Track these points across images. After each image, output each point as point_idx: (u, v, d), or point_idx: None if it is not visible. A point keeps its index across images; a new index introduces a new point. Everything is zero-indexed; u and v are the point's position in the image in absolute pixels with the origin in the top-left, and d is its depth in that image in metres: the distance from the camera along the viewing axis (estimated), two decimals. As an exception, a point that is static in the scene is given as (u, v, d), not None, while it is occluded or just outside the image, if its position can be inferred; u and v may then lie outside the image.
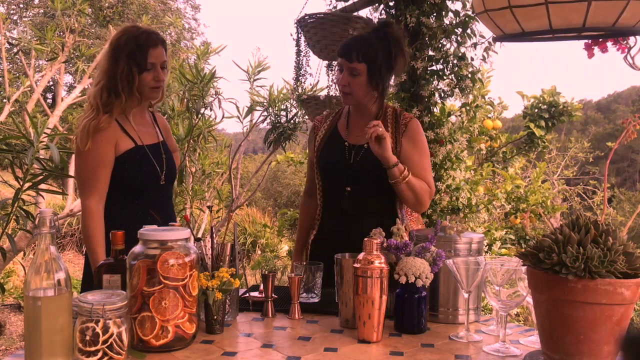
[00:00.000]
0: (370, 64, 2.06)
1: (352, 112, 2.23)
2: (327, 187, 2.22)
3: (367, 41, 2.09)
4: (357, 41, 2.11)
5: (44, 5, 12.06)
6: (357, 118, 2.20)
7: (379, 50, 2.07)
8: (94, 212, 2.05)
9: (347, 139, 2.19)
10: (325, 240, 2.20)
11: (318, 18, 3.12)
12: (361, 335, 1.51)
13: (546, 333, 1.29)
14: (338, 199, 2.16)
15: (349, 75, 2.08)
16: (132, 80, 2.07)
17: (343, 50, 2.09)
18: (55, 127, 4.83)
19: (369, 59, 2.06)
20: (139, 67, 2.07)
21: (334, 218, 2.19)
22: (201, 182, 4.88)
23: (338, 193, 2.16)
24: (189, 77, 4.07)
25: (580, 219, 1.28)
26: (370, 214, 2.10)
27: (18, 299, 5.63)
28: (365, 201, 2.14)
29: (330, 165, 2.19)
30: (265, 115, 4.37)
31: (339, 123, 2.26)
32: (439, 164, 3.61)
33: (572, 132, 15.02)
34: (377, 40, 2.10)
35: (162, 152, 2.22)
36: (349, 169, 2.13)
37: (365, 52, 2.06)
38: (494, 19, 1.47)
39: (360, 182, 2.13)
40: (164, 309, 1.37)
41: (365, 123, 2.12)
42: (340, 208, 2.15)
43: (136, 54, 2.06)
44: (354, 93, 2.10)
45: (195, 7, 15.67)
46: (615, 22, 1.34)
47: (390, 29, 2.13)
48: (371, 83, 2.09)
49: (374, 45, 2.08)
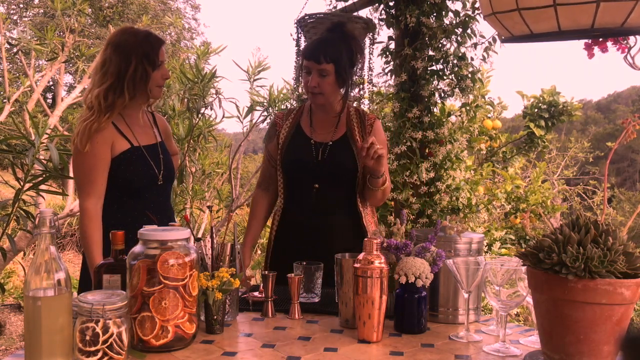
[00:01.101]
0: (337, 64, 2.15)
1: (315, 110, 2.29)
2: (292, 184, 2.25)
3: (330, 42, 2.18)
4: (321, 43, 2.19)
5: (44, 5, 12.06)
6: (321, 116, 2.27)
7: (343, 50, 2.17)
8: (92, 213, 2.05)
9: (312, 136, 2.25)
10: (289, 234, 2.25)
11: (318, 18, 3.12)
12: (361, 335, 1.51)
13: (546, 333, 1.29)
14: (304, 196, 2.21)
15: (318, 77, 2.15)
16: (146, 78, 2.10)
17: (310, 53, 2.16)
18: (55, 127, 4.83)
19: (335, 58, 2.14)
20: (153, 66, 2.11)
21: (299, 213, 2.23)
22: (201, 182, 4.88)
23: (304, 190, 2.21)
24: (190, 77, 4.08)
25: (580, 219, 1.28)
26: (336, 209, 2.21)
27: (18, 299, 5.63)
28: (332, 197, 2.21)
29: (297, 162, 2.23)
30: (265, 115, 4.38)
31: (301, 121, 2.30)
32: (439, 164, 3.61)
33: (572, 132, 15.01)
34: (338, 40, 2.19)
35: (160, 153, 2.22)
36: (316, 167, 2.20)
37: (332, 53, 2.14)
38: (502, 21, 1.47)
39: (328, 179, 2.20)
40: (164, 309, 1.37)
41: (330, 120, 2.25)
42: (307, 204, 2.21)
43: (150, 53, 2.10)
44: (325, 92, 2.17)
45: (195, 7, 15.68)
46: (624, 22, 1.34)
47: (345, 28, 2.25)
48: (338, 81, 2.18)
49: (337, 45, 2.17)
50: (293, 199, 2.26)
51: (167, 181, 2.25)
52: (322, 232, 2.16)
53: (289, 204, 2.26)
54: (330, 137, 2.23)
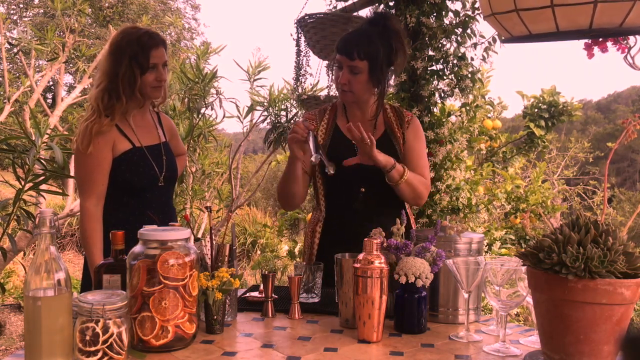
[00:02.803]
0: (372, 62, 1.96)
1: (349, 108, 2.13)
2: (335, 190, 2.10)
3: (367, 37, 1.98)
4: (357, 37, 2.00)
5: (44, 5, 12.06)
6: (358, 114, 2.12)
7: (380, 47, 1.98)
8: (92, 213, 2.05)
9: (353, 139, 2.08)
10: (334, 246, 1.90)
11: (318, 18, 3.12)
12: (361, 335, 1.51)
13: (546, 333, 1.29)
14: (350, 201, 2.07)
15: (349, 73, 1.98)
16: (133, 81, 2.07)
17: (343, 47, 1.98)
18: (56, 127, 4.83)
19: (370, 56, 1.96)
20: (141, 69, 2.07)
21: (344, 221, 2.08)
22: (201, 182, 4.89)
23: (350, 194, 2.07)
24: (190, 77, 4.08)
25: (580, 219, 1.28)
26: (383, 212, 2.01)
27: (18, 299, 5.63)
28: (379, 200, 2.07)
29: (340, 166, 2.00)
30: (266, 115, 4.38)
31: (338, 121, 2.15)
32: (439, 164, 3.61)
33: (572, 132, 15.01)
34: (377, 35, 1.99)
35: (163, 154, 2.22)
36: (362, 169, 2.00)
37: (367, 49, 1.95)
38: (502, 22, 1.47)
39: (375, 182, 2.04)
40: (164, 309, 1.37)
41: (366, 122, 2.09)
42: (352, 209, 2.06)
43: (138, 56, 2.06)
44: (355, 91, 2.01)
45: (195, 7, 15.69)
46: (622, 22, 1.34)
47: (389, 22, 2.04)
48: (372, 80, 2.00)
49: (374, 41, 1.97)
50: (337, 206, 2.11)
51: (169, 182, 2.25)
52: None
53: (332, 212, 2.11)
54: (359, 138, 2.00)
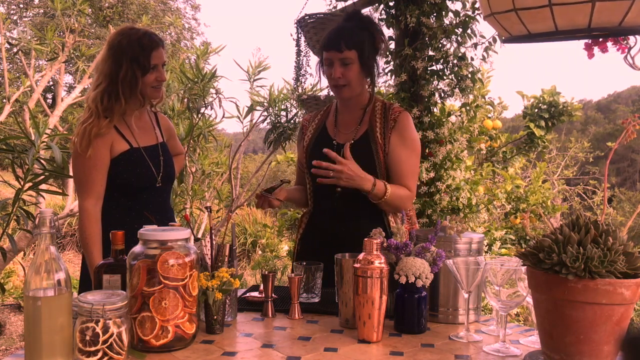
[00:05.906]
0: (360, 50, 2.02)
1: (340, 109, 2.19)
2: (318, 188, 2.14)
3: (348, 30, 2.05)
4: (340, 31, 2.06)
5: (44, 5, 12.06)
6: (346, 114, 2.17)
7: (363, 35, 2.05)
8: (91, 213, 2.05)
9: (335, 137, 2.15)
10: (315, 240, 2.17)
11: (318, 18, 3.13)
12: (361, 335, 1.51)
13: (546, 333, 1.29)
14: (328, 200, 2.13)
15: (341, 66, 2.03)
16: (135, 83, 2.07)
17: (329, 42, 2.04)
18: (55, 127, 4.83)
19: (357, 45, 2.02)
20: (142, 70, 2.08)
21: (324, 219, 2.15)
22: (201, 182, 4.88)
23: (328, 194, 2.10)
24: (190, 77, 4.08)
25: (580, 219, 1.28)
26: (360, 214, 2.07)
27: (18, 299, 5.63)
28: (356, 201, 2.07)
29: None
30: (266, 115, 4.38)
31: (327, 121, 2.21)
32: (439, 164, 3.61)
33: (572, 132, 15.02)
34: (356, 27, 2.07)
35: (160, 154, 2.22)
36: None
37: (353, 39, 2.02)
38: (501, 21, 1.48)
39: None
40: (164, 309, 1.37)
41: (354, 118, 2.14)
42: (331, 209, 2.12)
43: (139, 57, 2.06)
44: (351, 83, 2.05)
45: (195, 7, 15.66)
46: (621, 21, 1.34)
47: (362, 15, 2.13)
48: (363, 69, 2.06)
49: (356, 32, 2.05)
50: (319, 203, 2.18)
51: (167, 182, 2.25)
52: (347, 239, 1.86)
53: (316, 208, 2.19)
54: (352, 136, 2.11)
